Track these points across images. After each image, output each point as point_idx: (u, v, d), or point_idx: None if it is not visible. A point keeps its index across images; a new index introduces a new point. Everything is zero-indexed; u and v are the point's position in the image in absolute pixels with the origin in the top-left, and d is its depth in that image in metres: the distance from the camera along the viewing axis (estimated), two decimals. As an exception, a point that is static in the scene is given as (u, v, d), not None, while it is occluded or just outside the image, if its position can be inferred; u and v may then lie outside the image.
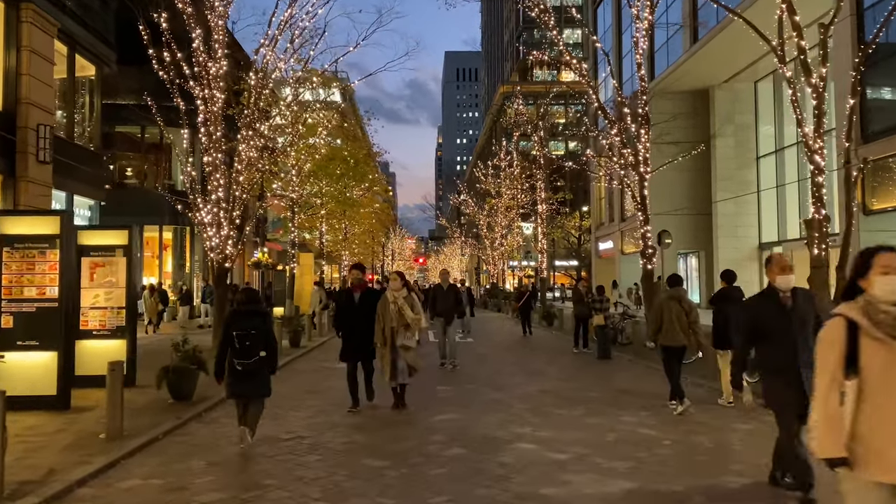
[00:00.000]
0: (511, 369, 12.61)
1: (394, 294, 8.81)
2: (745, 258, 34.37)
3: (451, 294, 13.25)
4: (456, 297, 13.25)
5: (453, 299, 13.19)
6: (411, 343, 8.81)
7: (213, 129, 15.79)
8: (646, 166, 17.78)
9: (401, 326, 8.73)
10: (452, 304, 13.16)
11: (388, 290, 9.62)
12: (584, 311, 15.85)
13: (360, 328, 8.80)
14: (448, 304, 13.12)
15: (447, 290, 13.30)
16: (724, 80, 34.14)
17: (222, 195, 15.88)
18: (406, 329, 8.74)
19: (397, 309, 8.74)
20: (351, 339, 8.88)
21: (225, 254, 15.92)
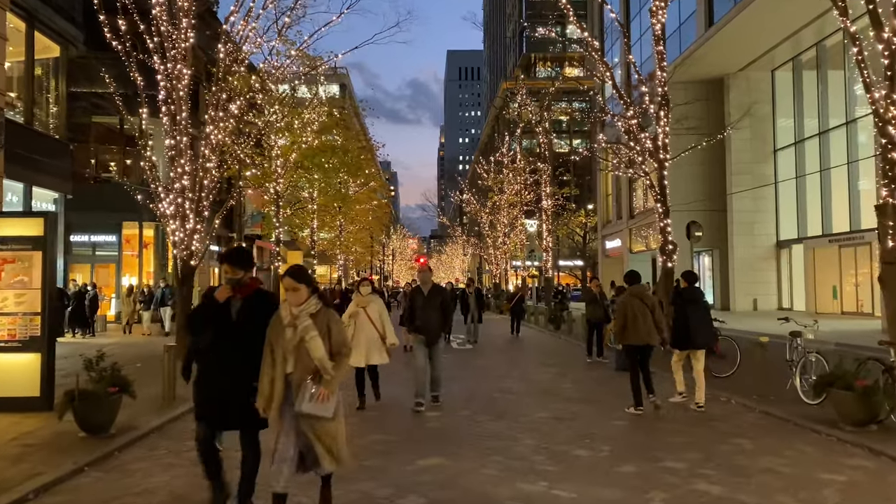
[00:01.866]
0: (516, 386, 10.60)
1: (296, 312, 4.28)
2: (761, 257, 32.51)
3: (435, 300, 8.78)
4: (443, 306, 8.82)
5: (439, 309, 8.75)
6: (324, 412, 4.20)
7: (178, 110, 13.94)
8: (665, 152, 15.89)
9: (305, 373, 4.24)
10: (439, 317, 8.75)
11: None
12: (599, 314, 13.67)
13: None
14: (432, 315, 8.68)
15: (431, 295, 8.82)
16: (740, 69, 32.28)
17: (187, 184, 14.03)
18: (315, 379, 4.20)
19: (299, 338, 4.25)
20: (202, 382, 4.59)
21: (190, 250, 14.07)
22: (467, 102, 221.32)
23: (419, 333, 8.85)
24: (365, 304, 8.50)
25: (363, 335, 8.41)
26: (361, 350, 8.34)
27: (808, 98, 30.19)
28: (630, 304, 8.56)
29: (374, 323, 8.41)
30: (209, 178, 14.48)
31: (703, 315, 8.85)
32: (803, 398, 8.54)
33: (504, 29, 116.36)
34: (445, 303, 8.99)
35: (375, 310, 8.50)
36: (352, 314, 8.50)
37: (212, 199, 14.75)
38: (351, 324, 8.40)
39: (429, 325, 8.74)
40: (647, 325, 8.46)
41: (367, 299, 8.54)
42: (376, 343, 8.45)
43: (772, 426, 7.62)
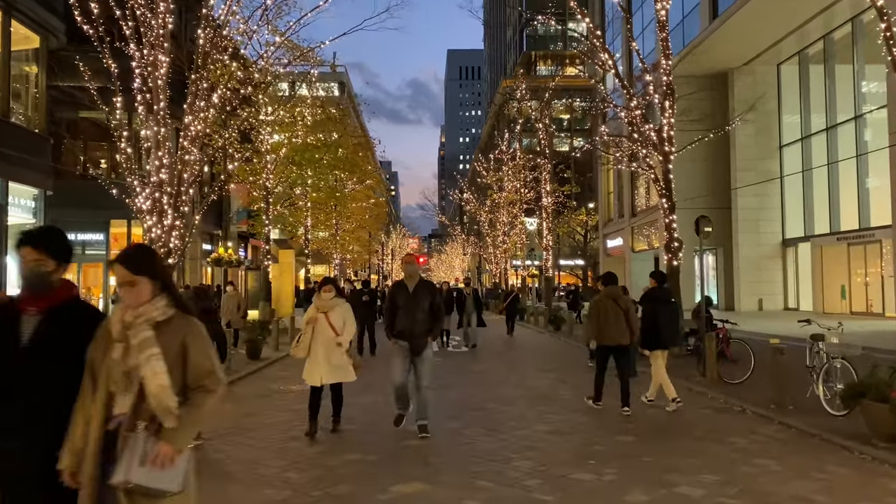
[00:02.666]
0: (512, 394, 9.77)
1: (130, 320, 2.63)
2: (767, 256, 31.72)
3: (423, 299, 7.21)
4: (433, 307, 7.24)
5: (428, 310, 7.20)
6: (161, 483, 2.53)
7: (155, 100, 13.17)
8: (671, 145, 15.11)
9: (137, 418, 2.60)
10: (426, 320, 7.19)
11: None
12: None
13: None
14: (418, 317, 7.16)
15: (417, 293, 7.24)
16: (744, 63, 31.48)
17: (165, 177, 13.25)
18: (151, 428, 2.56)
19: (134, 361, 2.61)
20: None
21: (169, 248, 13.30)
22: (468, 102, 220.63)
23: (401, 340, 7.14)
24: (326, 309, 7.07)
25: (322, 346, 6.94)
26: (319, 364, 6.93)
27: (814, 93, 29.42)
28: (603, 305, 8.54)
29: (337, 332, 6.99)
30: (189, 172, 13.72)
31: (671, 315, 8.99)
32: (827, 408, 7.75)
33: (504, 28, 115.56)
34: (436, 303, 7.24)
35: (339, 316, 7.06)
36: (309, 320, 7.08)
37: (192, 193, 13.99)
38: (308, 331, 7.05)
39: (413, 330, 7.06)
40: (619, 326, 8.41)
41: (329, 303, 7.12)
42: (339, 357, 6.99)
43: (795, 441, 6.83)
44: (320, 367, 6.94)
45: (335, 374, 7.02)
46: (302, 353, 7.00)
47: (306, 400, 7.11)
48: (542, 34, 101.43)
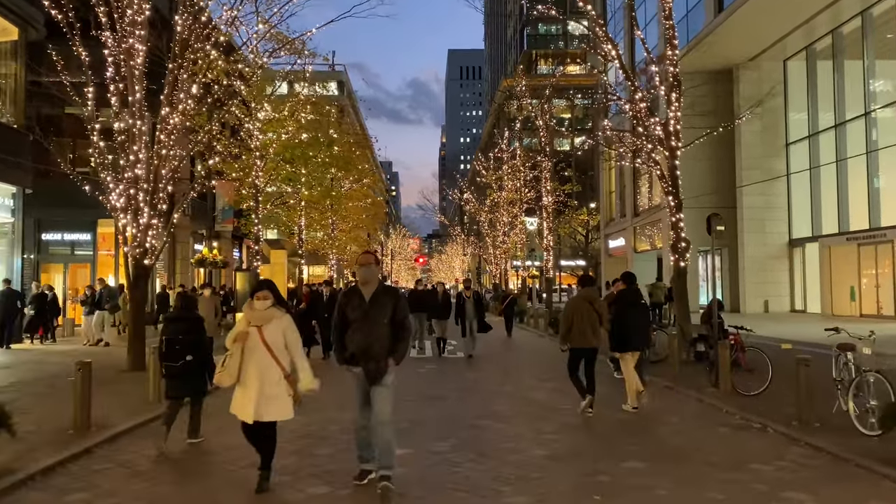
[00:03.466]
0: (507, 408, 8.81)
1: None
2: (773, 256, 30.92)
3: (382, 312, 5.46)
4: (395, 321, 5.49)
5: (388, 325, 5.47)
6: None
7: (130, 91, 12.39)
8: (677, 140, 14.30)
9: None
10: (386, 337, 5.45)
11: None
12: None
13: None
14: (374, 333, 5.43)
15: (374, 302, 5.49)
16: (750, 59, 30.67)
17: (141, 173, 12.47)
18: None
19: None
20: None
21: (144, 247, 12.52)
22: (468, 102, 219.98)
23: (352, 365, 5.42)
24: (260, 323, 5.30)
25: (254, 370, 5.24)
26: (250, 395, 5.23)
27: (822, 89, 28.61)
28: (577, 307, 8.49)
29: (274, 352, 5.25)
30: (168, 168, 12.94)
31: (641, 317, 8.89)
32: (858, 427, 6.95)
33: (505, 27, 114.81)
34: (399, 316, 5.46)
35: (278, 331, 5.32)
36: (238, 336, 5.36)
37: (171, 190, 13.21)
38: (236, 352, 5.32)
39: (368, 351, 5.32)
40: (593, 327, 8.38)
41: (263, 314, 5.33)
42: (275, 385, 5.25)
43: (828, 468, 6.01)
44: (250, 396, 5.20)
45: (269, 408, 5.23)
46: (228, 380, 5.31)
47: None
48: (543, 33, 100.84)
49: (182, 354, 6.76)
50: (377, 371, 5.38)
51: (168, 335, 6.88)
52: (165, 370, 6.89)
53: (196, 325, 7.06)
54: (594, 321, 8.38)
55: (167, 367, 6.85)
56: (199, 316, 7.42)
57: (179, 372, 6.78)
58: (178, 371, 6.77)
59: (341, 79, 71.33)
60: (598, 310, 8.43)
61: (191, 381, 6.88)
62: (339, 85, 70.47)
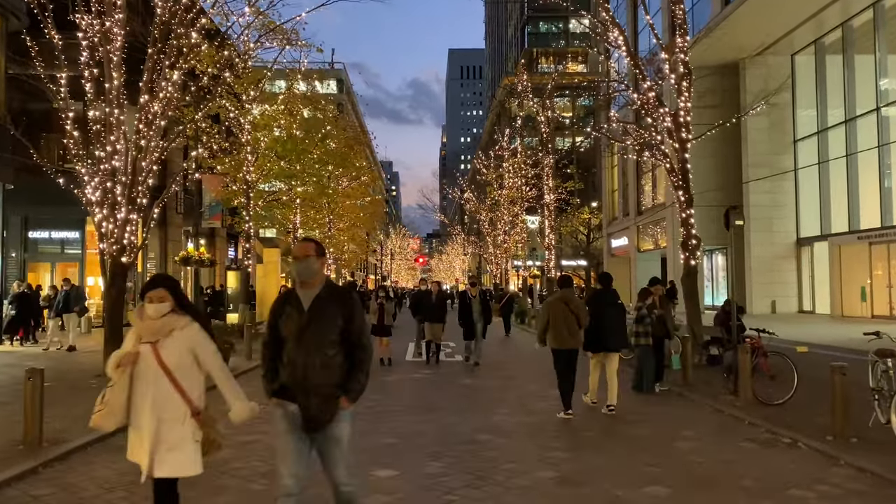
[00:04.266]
0: (509, 421, 7.93)
1: None
2: (780, 255, 30.16)
3: (328, 325, 3.73)
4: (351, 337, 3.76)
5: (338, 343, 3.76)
6: None
7: (108, 77, 11.64)
8: (687, 131, 13.54)
9: None
10: (334, 362, 3.74)
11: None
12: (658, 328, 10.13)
13: None
14: (317, 358, 3.69)
15: (316, 311, 3.74)
16: (756, 53, 29.88)
17: (119, 165, 11.70)
18: None
19: None
20: None
21: (122, 244, 11.75)
22: (469, 102, 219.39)
23: (286, 401, 3.73)
24: (154, 337, 3.66)
25: (147, 407, 3.60)
26: (144, 437, 3.61)
27: (832, 84, 27.86)
28: (554, 308, 8.46)
29: (176, 379, 3.63)
30: (148, 159, 12.17)
31: (617, 318, 8.79)
32: (904, 444, 6.19)
33: (506, 26, 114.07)
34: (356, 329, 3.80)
35: (181, 348, 3.69)
36: (123, 359, 3.64)
37: (151, 184, 12.46)
38: (121, 381, 3.63)
39: (306, 383, 3.67)
40: (569, 329, 8.34)
41: (158, 324, 3.67)
42: (177, 426, 3.63)
43: (876, 494, 5.23)
44: (145, 438, 3.58)
45: (165, 460, 3.57)
46: (110, 422, 3.66)
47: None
48: (544, 31, 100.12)
49: None
50: (321, 412, 3.64)
51: None
52: None
53: None
54: (571, 322, 8.34)
55: None
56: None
57: None
58: None
59: (340, 77, 70.70)
60: (574, 311, 8.38)
61: None
62: (339, 83, 69.85)
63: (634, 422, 7.94)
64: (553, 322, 8.38)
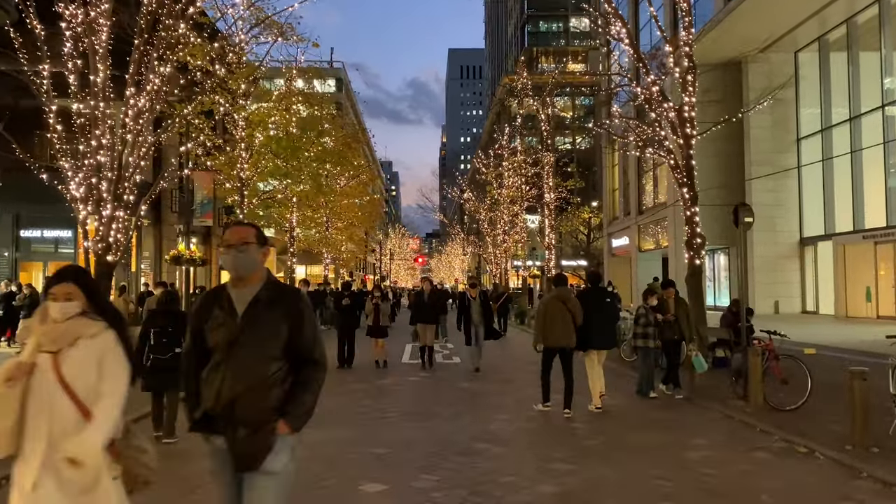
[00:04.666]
0: (507, 427, 7.53)
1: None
2: (783, 255, 29.74)
3: (267, 333, 2.88)
4: (297, 350, 2.94)
5: (280, 358, 2.91)
6: None
7: (93, 69, 11.23)
8: (692, 127, 13.15)
9: None
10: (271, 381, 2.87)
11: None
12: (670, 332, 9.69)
13: None
14: (250, 375, 2.84)
15: (252, 315, 2.88)
16: (760, 51, 29.47)
17: (104, 160, 11.30)
18: None
19: None
20: None
21: (108, 242, 11.34)
22: (469, 101, 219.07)
23: (209, 432, 2.93)
24: (56, 346, 2.78)
25: (43, 430, 2.70)
26: (34, 470, 2.67)
27: (836, 81, 27.46)
28: (550, 306, 8.55)
29: (79, 399, 2.73)
30: (136, 154, 11.78)
31: (605, 317, 8.77)
32: (929, 455, 5.78)
33: (506, 25, 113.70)
34: (302, 341, 2.95)
35: (87, 361, 2.79)
36: (13, 371, 2.72)
37: (140, 179, 12.06)
38: (11, 398, 2.69)
39: (236, 407, 2.83)
40: (565, 328, 8.38)
41: (62, 329, 2.81)
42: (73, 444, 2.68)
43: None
44: (38, 477, 2.67)
45: (64, 496, 2.68)
46: None
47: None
48: (544, 30, 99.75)
49: (171, 347, 6.92)
50: (254, 447, 2.81)
51: (155, 328, 7.02)
52: (152, 363, 6.91)
53: (182, 319, 7.09)
54: (567, 321, 8.38)
55: (155, 360, 6.90)
56: (183, 311, 7.60)
57: (168, 365, 6.84)
58: (167, 364, 6.85)
59: (339, 76, 70.35)
60: (571, 309, 8.43)
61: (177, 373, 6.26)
62: (338, 82, 69.49)
63: (640, 428, 7.53)
64: (550, 320, 8.43)
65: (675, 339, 9.74)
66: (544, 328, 8.48)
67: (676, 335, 9.70)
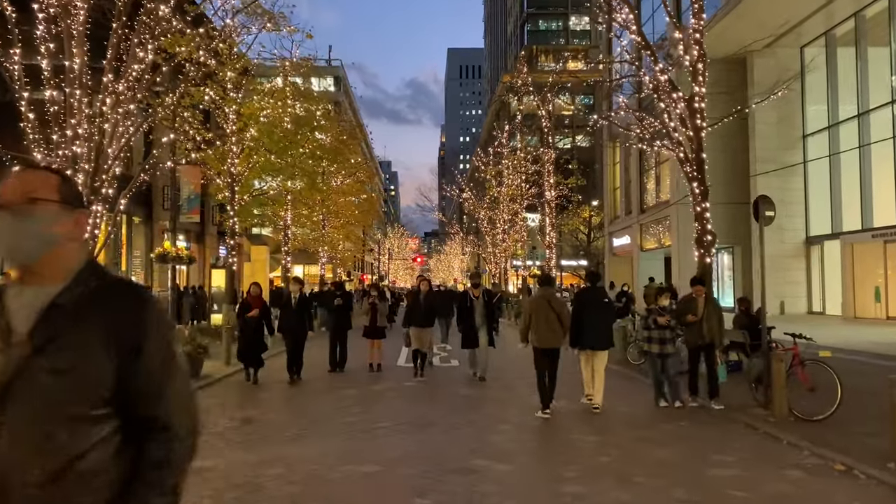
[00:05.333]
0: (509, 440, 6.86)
1: None
2: (789, 255, 29.07)
3: (83, 361, 1.47)
4: (128, 389, 1.51)
5: (60, 411, 1.45)
6: None
7: (67, 54, 10.57)
8: (702, 118, 12.51)
9: None
10: (66, 443, 1.44)
11: None
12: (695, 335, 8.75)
13: None
14: (41, 456, 1.43)
15: (56, 331, 1.47)
16: (765, 46, 28.81)
17: (80, 150, 10.65)
18: None
19: None
20: None
21: (84, 239, 10.62)
22: (468, 101, 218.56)
23: None
24: None
25: None
26: None
27: (843, 77, 26.81)
28: (536, 306, 8.57)
29: None
30: (115, 146, 11.11)
31: (600, 317, 8.64)
32: None
33: (505, 23, 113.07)
34: (145, 373, 1.53)
35: None
36: None
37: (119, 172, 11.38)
38: None
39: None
40: (550, 327, 8.40)
41: None
42: None
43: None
44: None
45: None
46: None
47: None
48: (544, 29, 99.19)
49: None
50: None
51: None
52: None
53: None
54: (553, 321, 8.37)
55: None
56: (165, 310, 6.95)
57: None
58: None
59: (338, 74, 69.69)
60: (556, 309, 8.42)
61: None
62: (336, 80, 68.82)
63: (658, 442, 6.85)
64: (535, 320, 8.40)
65: (700, 344, 8.70)
66: (529, 328, 8.53)
67: (702, 340, 8.67)
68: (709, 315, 8.68)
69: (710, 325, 8.65)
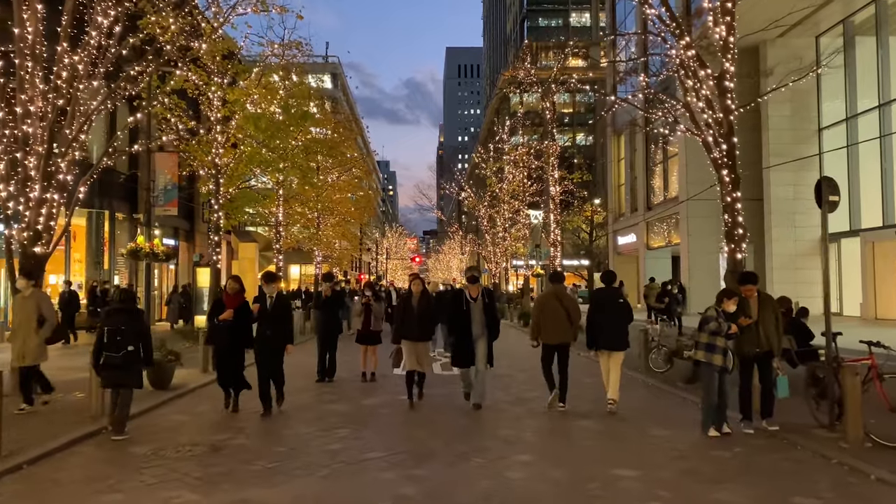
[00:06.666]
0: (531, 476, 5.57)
1: None
2: (805, 253, 27.84)
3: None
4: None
5: None
6: None
7: (18, 19, 9.29)
8: (732, 99, 11.24)
9: None
10: None
11: None
12: (752, 342, 7.33)
13: None
14: None
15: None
16: (778, 35, 27.57)
17: (31, 130, 9.36)
18: None
19: None
20: None
21: (36, 230, 9.38)
22: (467, 101, 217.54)
23: None
24: None
25: None
26: None
27: (862, 67, 25.59)
28: (546, 302, 8.64)
29: None
30: (75, 126, 9.81)
31: (614, 317, 8.43)
32: None
33: (504, 22, 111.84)
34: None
35: None
36: None
37: (77, 156, 10.08)
38: None
39: None
40: (561, 324, 8.46)
41: None
42: None
43: None
44: None
45: None
46: None
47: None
48: (543, 26, 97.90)
49: (124, 345, 6.96)
50: None
51: (110, 326, 7.03)
52: (104, 360, 6.95)
53: (137, 317, 7.27)
54: (562, 317, 8.43)
55: (107, 358, 6.93)
56: (139, 308, 7.64)
57: (120, 363, 6.91)
58: (119, 362, 6.91)
59: (335, 71, 68.54)
60: (566, 306, 8.49)
61: (130, 371, 7.04)
62: (333, 78, 67.64)
63: (712, 477, 5.52)
64: (545, 317, 8.49)
65: (756, 352, 7.28)
66: (539, 324, 8.56)
67: (759, 348, 7.26)
68: (764, 319, 7.27)
69: (767, 329, 7.24)
